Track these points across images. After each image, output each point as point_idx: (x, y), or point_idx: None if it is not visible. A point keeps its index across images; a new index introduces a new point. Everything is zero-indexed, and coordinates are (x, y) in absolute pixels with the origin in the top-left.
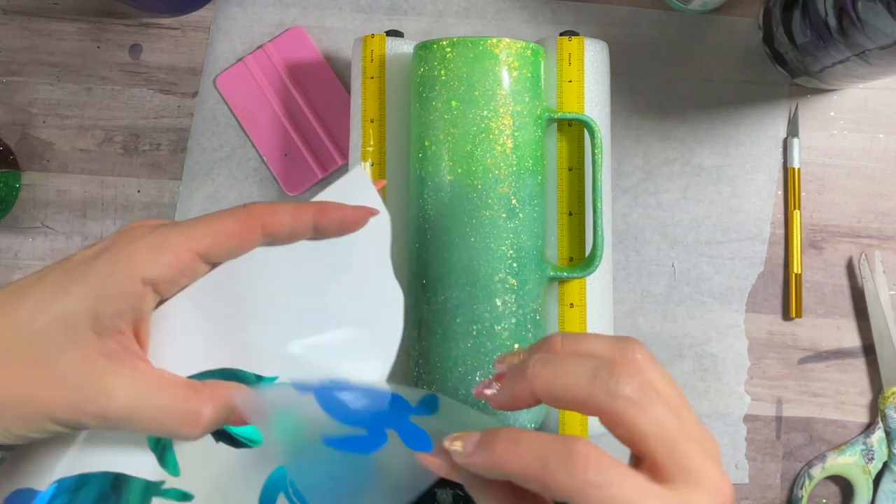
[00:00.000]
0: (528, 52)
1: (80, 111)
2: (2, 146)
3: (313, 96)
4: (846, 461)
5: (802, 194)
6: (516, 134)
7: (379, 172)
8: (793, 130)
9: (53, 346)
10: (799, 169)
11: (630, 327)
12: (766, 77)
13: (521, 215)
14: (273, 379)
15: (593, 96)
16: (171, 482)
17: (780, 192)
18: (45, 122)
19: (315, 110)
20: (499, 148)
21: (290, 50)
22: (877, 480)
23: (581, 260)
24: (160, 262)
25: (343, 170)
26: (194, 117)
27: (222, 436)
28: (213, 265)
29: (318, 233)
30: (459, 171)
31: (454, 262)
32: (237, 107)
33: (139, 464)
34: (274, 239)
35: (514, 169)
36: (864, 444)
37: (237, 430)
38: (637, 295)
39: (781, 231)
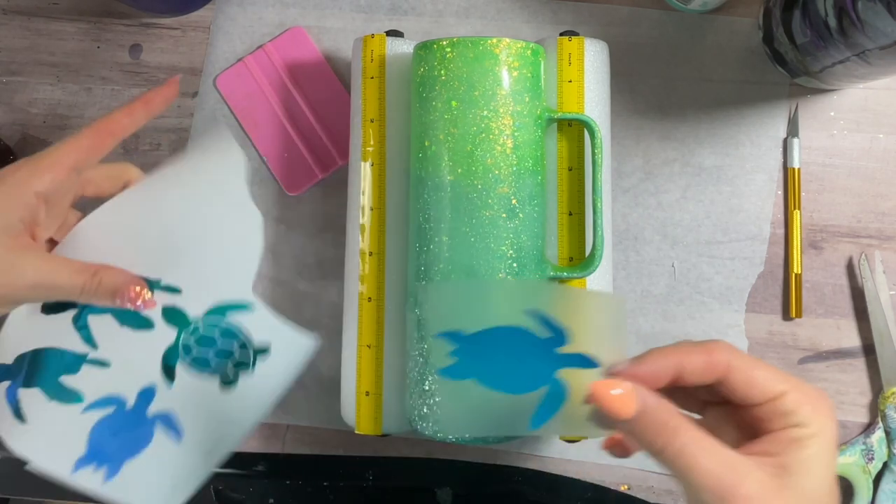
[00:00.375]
0: (528, 52)
1: (80, 111)
2: (2, 146)
3: (313, 96)
4: (846, 461)
5: (802, 194)
6: (516, 134)
7: (379, 172)
8: (793, 130)
9: None
10: (799, 169)
11: (630, 327)
12: (766, 77)
13: (521, 215)
14: (157, 281)
15: (593, 96)
16: (92, 354)
17: (780, 192)
18: (45, 122)
19: (315, 110)
20: (499, 148)
21: (290, 50)
22: (877, 480)
23: (581, 260)
24: (44, 179)
25: (343, 170)
26: (194, 117)
27: (127, 319)
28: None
29: (151, 115)
30: (459, 171)
31: (454, 261)
32: (237, 107)
33: (68, 341)
34: (121, 136)
35: (514, 169)
36: (864, 444)
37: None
38: (637, 295)
39: (781, 231)
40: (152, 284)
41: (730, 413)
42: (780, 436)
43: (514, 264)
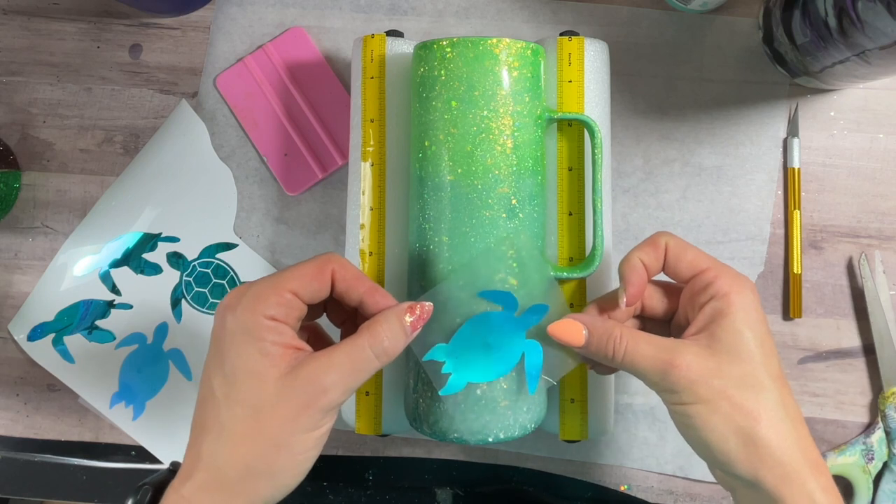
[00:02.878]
0: (528, 52)
1: (80, 111)
2: (2, 146)
3: (313, 96)
4: (846, 461)
5: (802, 194)
6: (516, 134)
7: (379, 172)
8: (793, 130)
9: (265, 397)
10: (799, 169)
11: None
12: (766, 77)
13: (520, 215)
14: (159, 234)
15: (593, 96)
16: (117, 300)
17: (780, 192)
18: (45, 122)
19: (315, 110)
20: (498, 148)
21: (290, 50)
22: (877, 480)
23: (581, 260)
24: (270, 303)
25: (343, 170)
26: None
27: (140, 268)
28: (305, 303)
29: (356, 307)
30: (459, 171)
31: (454, 261)
32: (237, 107)
33: (97, 293)
34: (338, 287)
35: (514, 169)
36: (864, 444)
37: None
38: None
39: (781, 231)
40: (156, 237)
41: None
42: (706, 310)
43: (514, 264)
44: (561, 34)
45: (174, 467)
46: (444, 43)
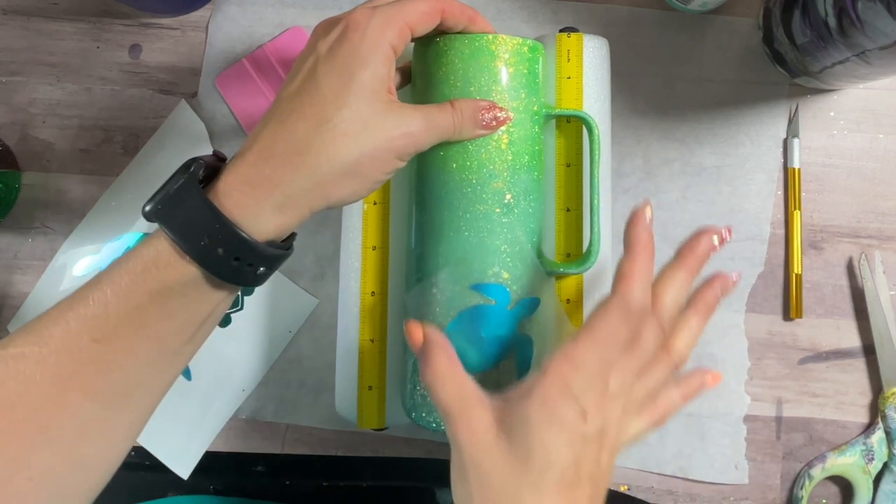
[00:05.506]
0: (525, 48)
1: (80, 111)
2: (2, 146)
3: None
4: (846, 461)
5: (802, 194)
6: (512, 130)
7: None
8: (793, 130)
9: (374, 112)
10: (799, 169)
11: None
12: (766, 77)
13: (515, 211)
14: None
15: (592, 92)
16: None
17: (780, 193)
18: (45, 122)
19: None
20: (494, 143)
21: (290, 50)
22: (877, 481)
23: (578, 256)
24: (394, 31)
25: None
26: None
27: None
28: (414, 38)
29: (471, 27)
30: (454, 165)
31: (448, 255)
32: (237, 107)
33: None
34: (446, 22)
35: (510, 164)
36: (864, 444)
37: None
38: None
39: (781, 231)
40: None
41: None
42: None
43: (508, 259)
44: (560, 30)
45: (221, 156)
46: (441, 39)
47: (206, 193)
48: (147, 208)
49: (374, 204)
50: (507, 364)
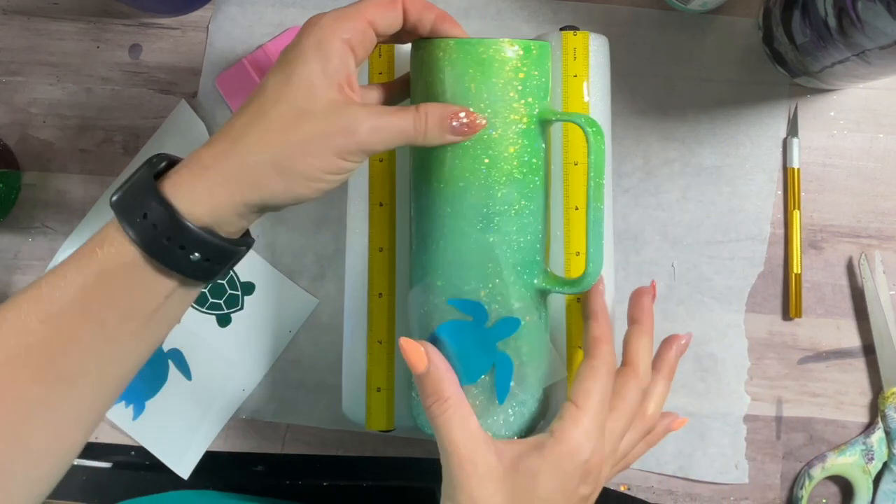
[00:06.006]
0: (534, 51)
1: (80, 111)
2: (2, 146)
3: None
4: (846, 461)
5: (802, 194)
6: (511, 134)
7: (389, 167)
8: (793, 130)
9: (311, 106)
10: (799, 169)
11: None
12: (766, 77)
13: (498, 227)
14: None
15: (596, 90)
16: None
17: (780, 192)
18: (45, 122)
19: None
20: (470, 156)
21: None
22: (877, 480)
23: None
24: (348, 27)
25: None
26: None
27: None
28: (377, 35)
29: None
30: (431, 177)
31: (428, 267)
32: (237, 107)
33: None
34: (409, 16)
35: (509, 169)
36: (864, 444)
37: None
38: None
39: (781, 231)
40: None
41: None
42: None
43: (488, 277)
44: (561, 28)
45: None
46: (442, 42)
47: (155, 181)
48: (112, 198)
49: (381, 205)
50: (486, 380)
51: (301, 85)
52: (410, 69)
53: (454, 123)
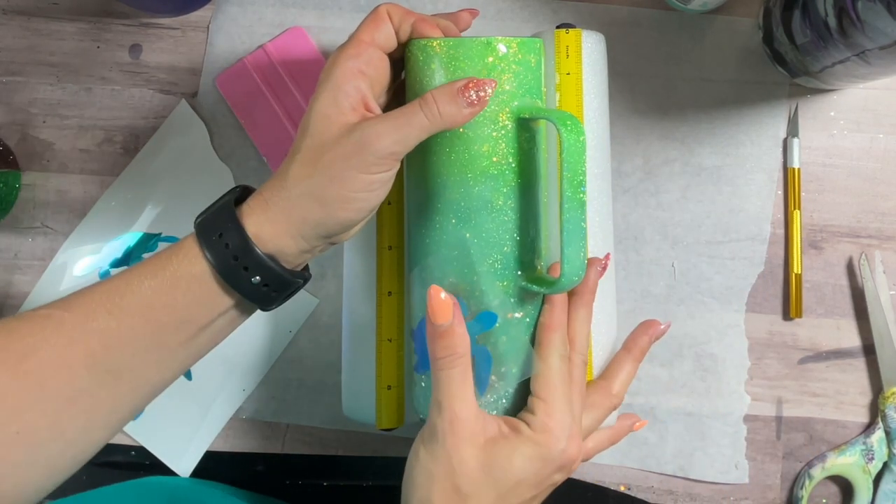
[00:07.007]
0: (524, 49)
1: (80, 111)
2: (2, 146)
3: None
4: (846, 461)
5: (802, 194)
6: (494, 133)
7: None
8: (793, 130)
9: (328, 134)
10: (799, 169)
11: (630, 327)
12: (766, 77)
13: (473, 223)
14: (159, 234)
15: (591, 88)
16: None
17: (780, 192)
18: (45, 122)
19: None
20: (476, 146)
21: (290, 50)
22: (877, 480)
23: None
24: (350, 53)
25: None
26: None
27: None
28: (384, 51)
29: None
30: (439, 168)
31: (414, 258)
32: (237, 107)
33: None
34: (392, 21)
35: (487, 165)
36: (864, 444)
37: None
38: (637, 295)
39: (781, 231)
40: (156, 237)
41: None
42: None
43: (464, 271)
44: (558, 27)
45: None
46: (436, 42)
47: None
48: (197, 220)
49: (389, 204)
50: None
51: (318, 118)
52: (406, 70)
53: (466, 96)
